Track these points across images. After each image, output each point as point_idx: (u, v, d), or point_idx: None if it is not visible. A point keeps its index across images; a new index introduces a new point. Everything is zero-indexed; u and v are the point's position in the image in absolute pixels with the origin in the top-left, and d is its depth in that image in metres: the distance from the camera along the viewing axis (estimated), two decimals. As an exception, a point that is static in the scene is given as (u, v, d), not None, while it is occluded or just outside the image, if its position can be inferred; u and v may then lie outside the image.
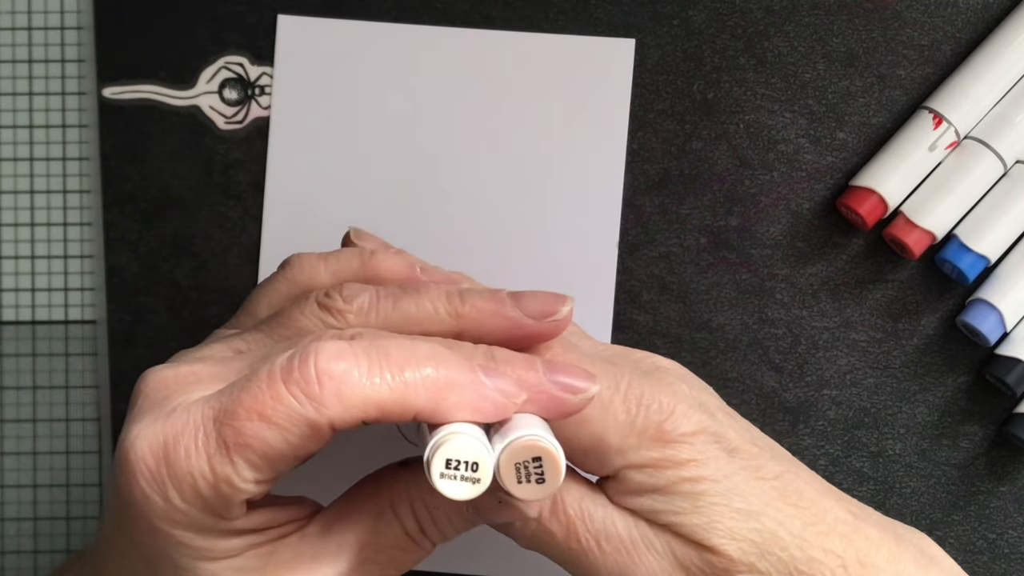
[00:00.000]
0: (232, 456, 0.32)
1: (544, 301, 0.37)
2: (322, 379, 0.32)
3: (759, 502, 0.36)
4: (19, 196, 0.47)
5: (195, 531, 0.34)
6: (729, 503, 0.36)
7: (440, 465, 0.32)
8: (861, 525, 0.37)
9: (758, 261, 0.46)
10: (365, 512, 0.36)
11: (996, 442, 0.46)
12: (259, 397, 0.32)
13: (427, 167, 0.47)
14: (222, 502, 0.33)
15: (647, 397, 0.36)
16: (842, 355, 0.46)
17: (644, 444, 0.36)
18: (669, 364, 0.38)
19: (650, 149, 0.47)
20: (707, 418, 0.37)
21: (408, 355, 0.33)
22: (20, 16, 0.47)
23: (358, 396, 0.32)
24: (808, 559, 0.36)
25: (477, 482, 0.33)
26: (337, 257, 0.40)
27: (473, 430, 0.33)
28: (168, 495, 0.33)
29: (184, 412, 0.33)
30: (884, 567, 0.36)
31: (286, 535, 0.36)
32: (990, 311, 0.45)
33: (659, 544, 0.36)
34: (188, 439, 0.33)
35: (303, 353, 0.32)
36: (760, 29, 0.46)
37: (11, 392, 0.48)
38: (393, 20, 0.47)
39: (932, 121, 0.45)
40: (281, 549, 0.35)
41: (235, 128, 0.47)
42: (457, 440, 0.32)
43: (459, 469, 0.33)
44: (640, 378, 0.37)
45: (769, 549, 0.36)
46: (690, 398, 0.37)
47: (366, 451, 0.46)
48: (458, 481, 0.33)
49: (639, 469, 0.36)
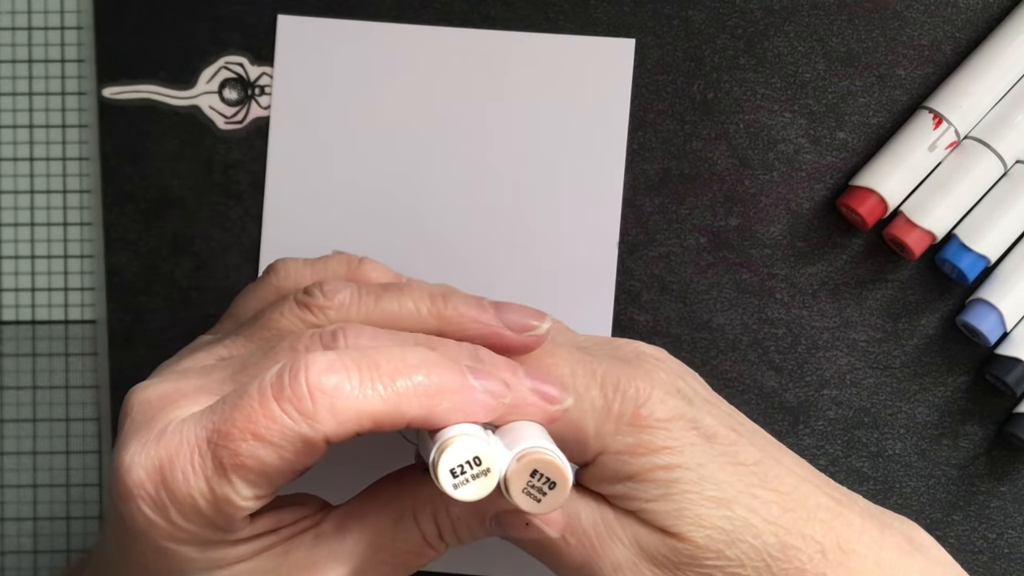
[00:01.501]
0: (230, 476, 0.32)
1: (524, 314, 0.37)
2: (314, 395, 0.32)
3: (733, 489, 0.36)
4: (19, 196, 0.47)
5: (202, 546, 0.34)
6: (701, 491, 0.36)
7: (448, 477, 0.33)
8: (843, 511, 0.37)
9: (758, 261, 0.46)
10: (384, 516, 0.36)
11: (996, 442, 0.46)
12: (252, 416, 0.32)
13: (427, 167, 0.47)
14: (224, 519, 0.33)
15: (624, 383, 0.36)
16: (842, 355, 0.46)
17: (621, 430, 0.36)
18: (650, 350, 0.38)
19: (650, 149, 0.47)
20: (684, 404, 0.36)
21: (398, 364, 0.33)
22: (20, 16, 0.47)
23: (352, 409, 0.32)
24: (783, 545, 0.36)
25: (487, 473, 0.33)
26: (324, 263, 0.40)
27: (467, 428, 0.33)
28: (171, 517, 0.33)
29: (176, 433, 0.33)
30: (865, 553, 0.36)
31: (297, 534, 0.36)
32: (990, 311, 0.45)
33: (624, 534, 0.36)
34: (184, 461, 0.33)
35: (293, 367, 0.32)
36: (760, 29, 0.46)
37: (11, 392, 0.48)
38: (393, 20, 0.47)
39: (932, 121, 0.45)
40: (295, 549, 0.35)
41: (235, 128, 0.47)
42: (456, 445, 0.33)
43: (466, 472, 0.33)
44: (618, 365, 0.37)
45: (740, 537, 0.36)
46: (667, 384, 0.37)
47: (367, 449, 0.46)
48: (469, 483, 0.33)
49: (615, 455, 0.36)
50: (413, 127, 0.47)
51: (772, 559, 0.36)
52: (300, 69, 0.47)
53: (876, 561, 0.36)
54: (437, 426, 0.33)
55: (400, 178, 0.47)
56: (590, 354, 0.37)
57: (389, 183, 0.47)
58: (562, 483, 0.33)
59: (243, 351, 0.37)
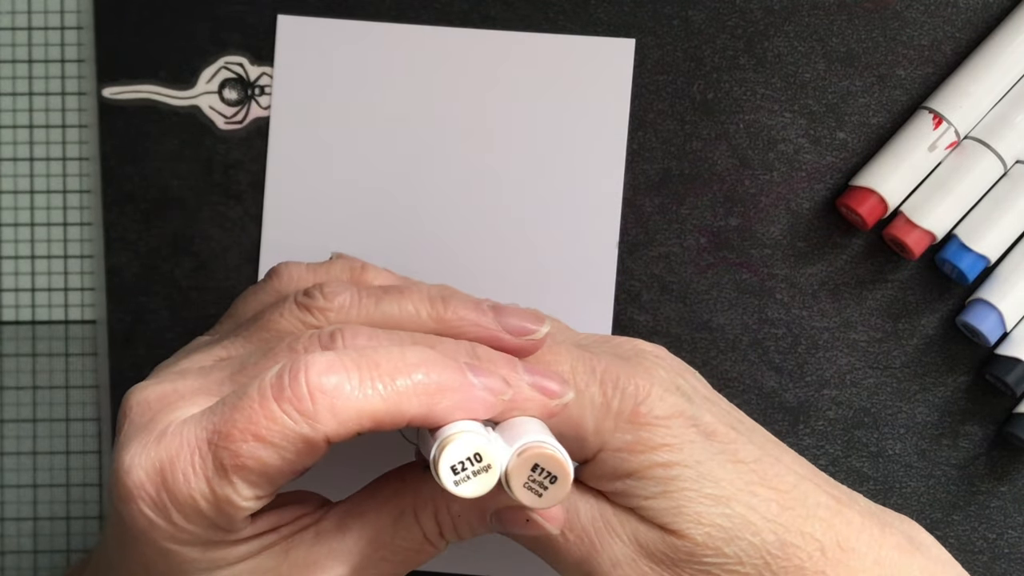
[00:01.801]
0: (231, 477, 0.32)
1: (523, 317, 0.37)
2: (315, 395, 0.32)
3: (732, 487, 0.36)
4: (19, 196, 0.47)
5: (203, 546, 0.34)
6: (700, 488, 0.36)
7: (449, 474, 0.33)
8: (843, 510, 0.37)
9: (758, 261, 0.46)
10: (385, 513, 0.36)
11: (996, 442, 0.46)
12: (252, 417, 0.32)
13: (427, 167, 0.47)
14: (226, 520, 0.33)
15: (623, 380, 0.36)
16: (842, 355, 0.46)
17: (620, 427, 0.36)
18: (650, 348, 0.38)
19: (650, 149, 0.47)
20: (683, 401, 0.37)
21: (398, 363, 0.33)
22: (20, 16, 0.47)
23: (352, 409, 0.32)
24: (782, 543, 0.36)
25: (488, 470, 0.33)
26: (327, 268, 0.40)
27: (466, 425, 0.33)
28: (172, 518, 0.33)
29: (176, 434, 0.33)
30: (865, 552, 0.36)
31: (297, 532, 0.36)
32: (990, 311, 0.45)
33: (623, 531, 0.36)
34: (184, 463, 0.33)
35: (293, 368, 0.32)
36: (760, 29, 0.46)
37: (11, 392, 0.48)
38: (393, 20, 0.47)
39: (932, 121, 0.45)
40: (296, 547, 0.35)
41: (235, 128, 0.47)
42: (456, 442, 0.33)
43: (466, 468, 0.33)
44: (617, 362, 0.37)
45: (739, 534, 0.36)
46: (666, 381, 0.37)
47: (367, 448, 0.46)
48: (470, 479, 0.33)
49: (614, 453, 0.36)
50: (413, 127, 0.47)
51: (771, 557, 0.36)
52: (300, 69, 0.47)
53: (876, 559, 0.36)
54: (437, 424, 0.34)
55: (400, 178, 0.47)
56: (590, 351, 0.37)
57: (389, 183, 0.47)
58: (563, 477, 0.33)
59: (242, 352, 0.37)
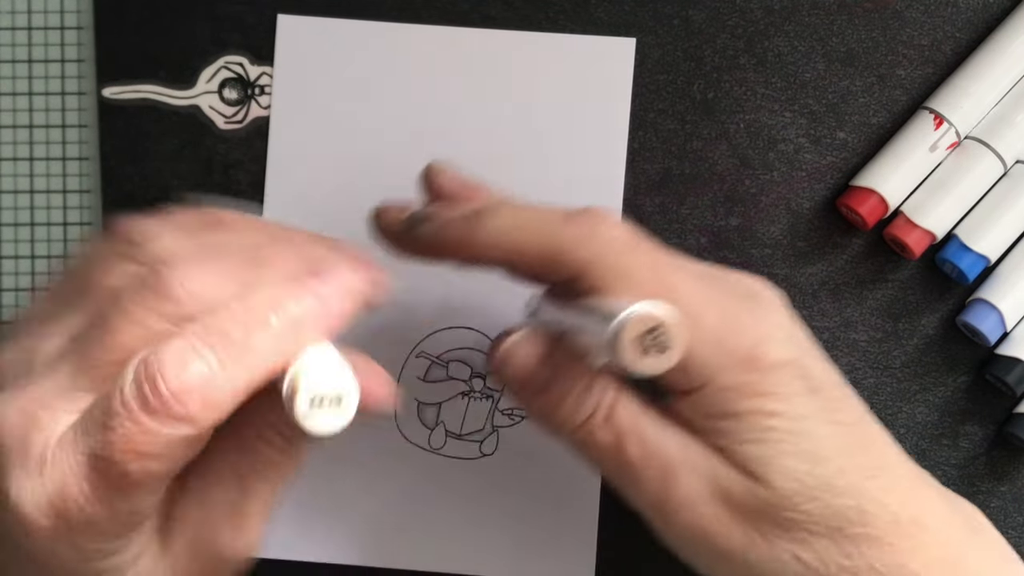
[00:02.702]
0: (127, 494, 0.31)
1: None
2: (180, 397, 0.31)
3: (827, 447, 0.35)
4: (19, 196, 0.47)
5: (115, 540, 0.33)
6: (796, 443, 0.35)
7: (305, 405, 0.31)
8: (919, 485, 0.36)
9: (758, 261, 0.46)
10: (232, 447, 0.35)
11: (996, 442, 0.46)
12: (128, 435, 0.31)
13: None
14: (133, 524, 0.33)
15: (742, 320, 0.35)
16: (842, 355, 0.46)
17: (730, 365, 0.35)
18: (769, 292, 0.37)
19: (650, 149, 0.47)
20: (798, 350, 0.36)
21: (245, 318, 0.32)
22: (20, 16, 0.47)
23: (223, 391, 0.31)
24: (860, 510, 0.35)
25: (340, 402, 0.31)
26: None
27: (318, 353, 0.32)
28: (77, 542, 0.32)
29: (58, 463, 0.31)
30: (936, 528, 0.36)
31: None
32: (990, 311, 0.45)
33: (704, 468, 0.35)
34: (76, 493, 0.31)
35: (147, 373, 0.31)
36: (760, 29, 0.46)
37: (11, 392, 0.47)
38: (393, 20, 0.47)
39: (933, 122, 0.45)
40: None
41: (235, 128, 0.47)
42: (307, 379, 0.31)
43: (324, 404, 0.31)
44: (737, 300, 0.36)
45: (820, 495, 0.35)
46: (785, 328, 0.36)
47: (367, 448, 0.46)
48: (326, 412, 0.31)
49: (719, 391, 0.35)
50: (413, 127, 0.47)
51: (847, 522, 0.35)
52: (300, 69, 0.47)
53: (945, 539, 0.36)
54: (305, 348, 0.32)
55: (400, 178, 0.47)
56: (710, 284, 0.36)
57: (389, 183, 0.47)
58: (679, 337, 0.31)
59: (77, 324, 0.34)
